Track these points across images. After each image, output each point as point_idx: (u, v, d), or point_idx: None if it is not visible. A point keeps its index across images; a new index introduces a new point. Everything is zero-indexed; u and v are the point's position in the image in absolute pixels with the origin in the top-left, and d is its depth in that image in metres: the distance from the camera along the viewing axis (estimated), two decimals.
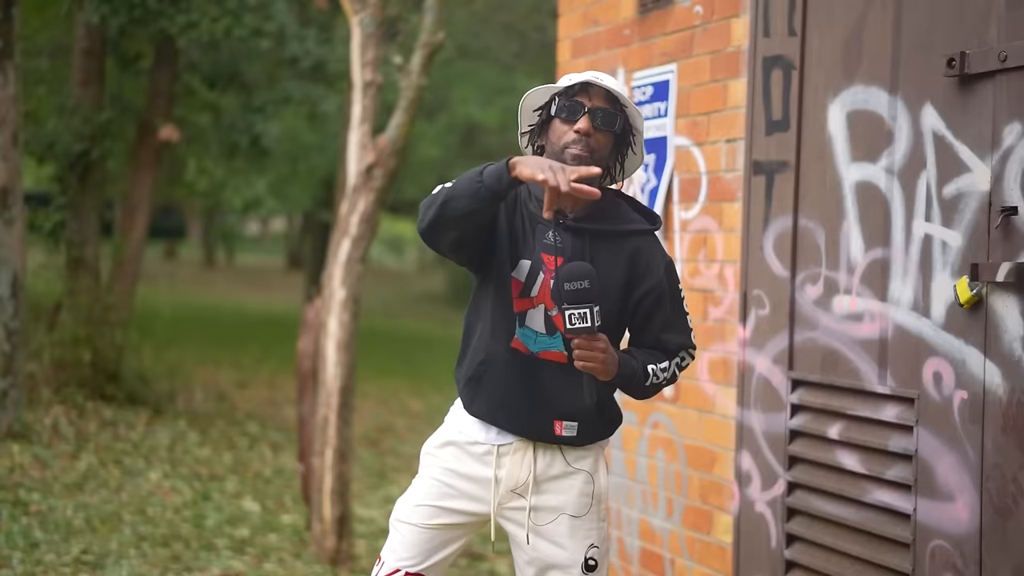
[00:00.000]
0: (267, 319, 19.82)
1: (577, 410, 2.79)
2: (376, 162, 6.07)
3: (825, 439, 3.60)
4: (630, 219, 2.86)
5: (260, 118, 10.03)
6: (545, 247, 2.78)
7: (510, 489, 2.83)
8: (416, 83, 6.15)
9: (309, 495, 6.25)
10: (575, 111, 2.73)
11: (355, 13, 6.18)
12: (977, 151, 3.10)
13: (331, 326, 6.10)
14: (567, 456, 2.84)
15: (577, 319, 2.61)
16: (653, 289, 2.83)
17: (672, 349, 2.88)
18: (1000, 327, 3.02)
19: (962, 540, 3.13)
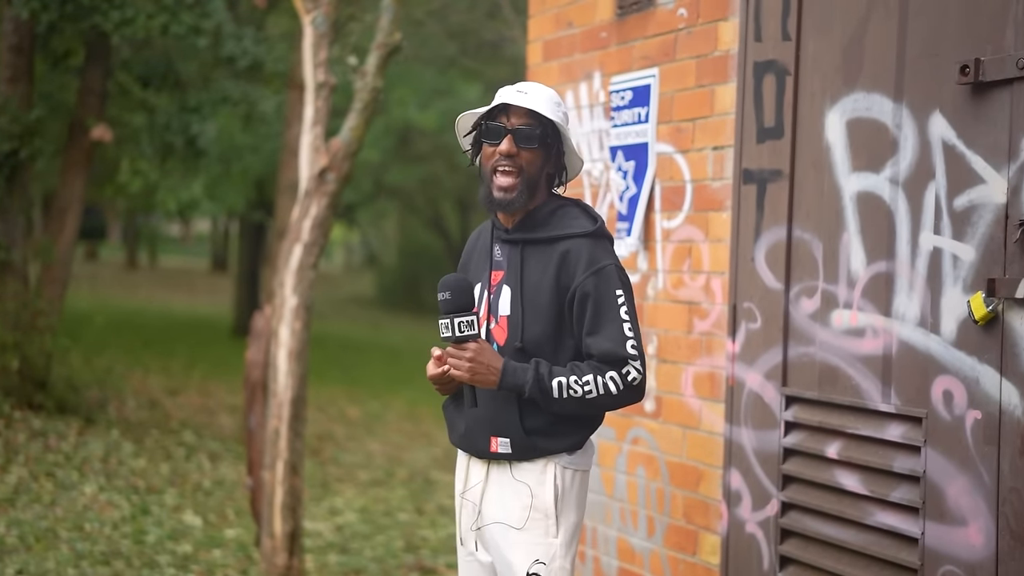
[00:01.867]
0: (194, 323, 19.42)
1: (506, 426, 2.87)
2: (329, 166, 5.87)
3: (823, 458, 3.47)
4: (563, 225, 2.91)
5: (197, 118, 9.73)
6: (495, 264, 2.96)
7: (469, 497, 3.00)
8: (372, 85, 5.96)
9: (258, 510, 6.03)
10: (497, 134, 2.84)
11: (307, 12, 5.98)
12: (992, 161, 2.99)
13: (282, 335, 5.87)
14: (512, 469, 2.91)
15: (444, 328, 2.78)
16: (576, 291, 2.85)
17: (598, 357, 2.83)
18: (1018, 345, 2.91)
19: (976, 567, 3.01)
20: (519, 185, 2.85)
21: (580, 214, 2.95)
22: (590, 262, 2.86)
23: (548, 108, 2.85)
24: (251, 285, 17.71)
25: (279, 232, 9.40)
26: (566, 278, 2.86)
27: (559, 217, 2.92)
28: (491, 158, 2.87)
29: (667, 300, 4.07)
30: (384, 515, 7.69)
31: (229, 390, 12.48)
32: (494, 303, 2.91)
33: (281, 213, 9.37)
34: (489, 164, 2.88)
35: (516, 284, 2.89)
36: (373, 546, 6.83)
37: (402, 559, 6.55)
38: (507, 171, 2.84)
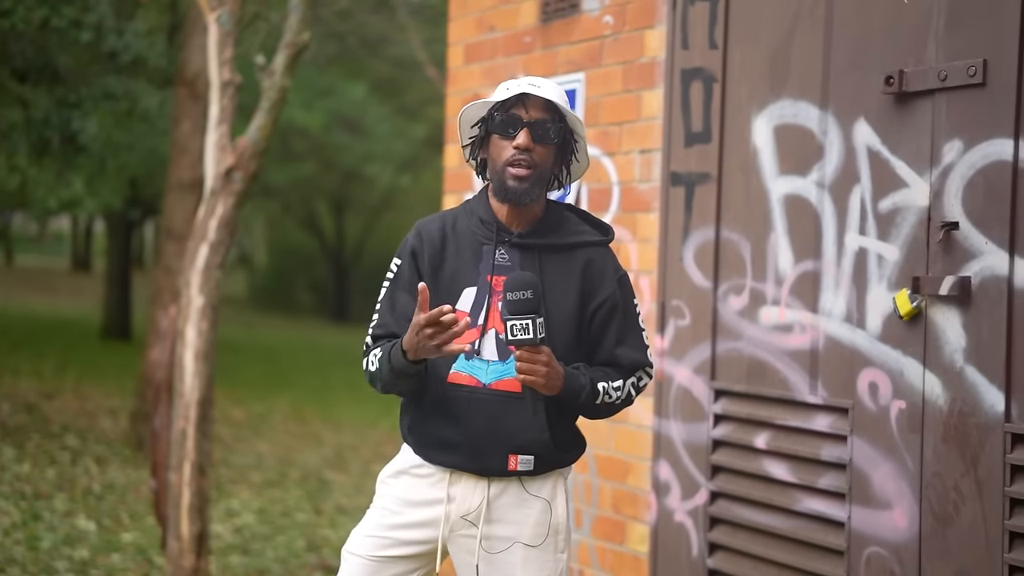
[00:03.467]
0: (60, 324, 18.91)
1: (532, 442, 2.69)
2: (236, 165, 5.84)
3: (751, 449, 3.64)
4: (579, 231, 2.80)
5: (78, 114, 9.51)
6: (497, 268, 2.72)
7: (461, 515, 2.75)
8: (279, 84, 5.95)
9: (163, 512, 5.97)
10: (513, 125, 2.67)
11: (212, 10, 5.94)
12: (915, 167, 3.19)
13: (189, 335, 5.83)
14: (524, 484, 2.75)
15: (519, 330, 2.53)
16: (606, 301, 2.76)
17: (626, 366, 2.79)
18: (941, 339, 3.11)
19: (900, 547, 3.21)
20: (533, 177, 2.67)
21: (580, 219, 2.85)
22: (614, 271, 2.79)
23: (564, 104, 2.72)
24: (122, 286, 17.34)
25: (167, 231, 9.26)
26: (590, 287, 2.75)
27: (569, 223, 2.81)
28: (503, 153, 2.68)
29: None
30: (282, 516, 7.67)
31: (106, 393, 12.23)
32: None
33: (170, 211, 9.22)
34: (502, 160, 2.68)
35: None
36: (274, 547, 6.81)
37: (305, 559, 6.56)
38: (521, 164, 2.67)
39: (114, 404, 11.59)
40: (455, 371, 2.70)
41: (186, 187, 9.13)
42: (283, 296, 26.74)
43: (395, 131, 16.49)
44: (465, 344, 2.61)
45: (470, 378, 2.70)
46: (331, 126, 14.94)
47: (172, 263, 9.16)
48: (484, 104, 2.74)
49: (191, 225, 9.27)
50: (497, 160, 2.70)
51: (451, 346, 2.55)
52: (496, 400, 2.68)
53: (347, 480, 9.16)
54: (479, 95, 4.76)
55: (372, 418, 12.79)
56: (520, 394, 2.67)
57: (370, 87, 13.75)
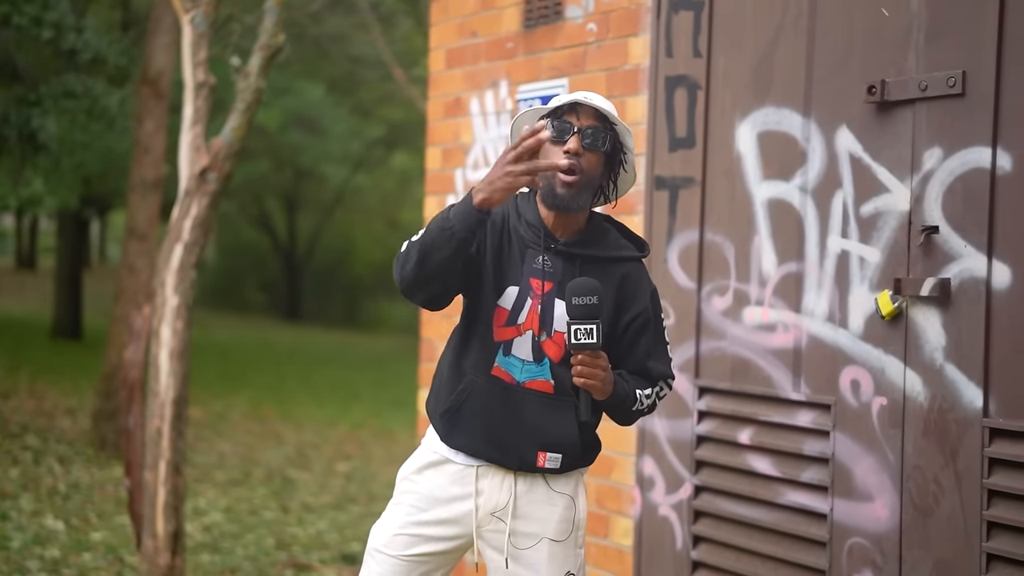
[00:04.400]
0: (7, 324, 18.70)
1: (561, 441, 2.79)
2: (211, 165, 5.89)
3: (735, 444, 3.77)
4: (619, 245, 2.88)
5: (38, 112, 9.47)
6: (534, 272, 2.78)
7: (489, 511, 2.82)
8: (255, 85, 5.99)
9: (137, 511, 5.99)
10: (564, 131, 2.73)
11: (186, 12, 5.98)
12: (896, 173, 3.33)
13: (164, 334, 5.87)
14: (549, 481, 2.84)
15: (583, 335, 2.60)
16: (640, 315, 2.85)
17: (654, 377, 2.89)
18: (921, 338, 3.26)
19: (881, 537, 3.35)
20: (580, 183, 2.72)
21: (620, 233, 2.92)
22: (648, 287, 2.88)
23: (615, 116, 2.79)
24: (72, 285, 17.20)
25: (130, 230, 9.24)
26: (625, 301, 2.83)
27: (611, 236, 2.87)
28: (553, 158, 2.71)
29: None
30: (250, 514, 7.70)
31: (62, 392, 12.17)
32: (546, 316, 2.76)
33: (132, 211, 9.20)
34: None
35: None
36: (244, 545, 6.85)
37: (275, 557, 6.60)
38: (569, 171, 2.70)
39: (71, 404, 11.53)
40: (496, 365, 2.78)
41: (149, 186, 9.12)
42: (233, 295, 26.64)
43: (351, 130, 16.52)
44: (543, 134, 2.55)
45: (507, 374, 2.78)
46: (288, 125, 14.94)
47: (136, 262, 9.15)
48: (536, 113, 2.81)
49: (154, 224, 9.29)
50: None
51: (543, 162, 2.57)
52: (529, 398, 2.77)
53: (311, 478, 9.20)
54: (460, 99, 4.85)
55: (331, 417, 12.83)
56: (551, 395, 2.77)
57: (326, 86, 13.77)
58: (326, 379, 16.15)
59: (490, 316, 2.78)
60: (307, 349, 20.63)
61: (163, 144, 9.25)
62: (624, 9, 4.17)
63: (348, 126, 16.15)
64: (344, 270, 27.66)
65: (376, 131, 17.25)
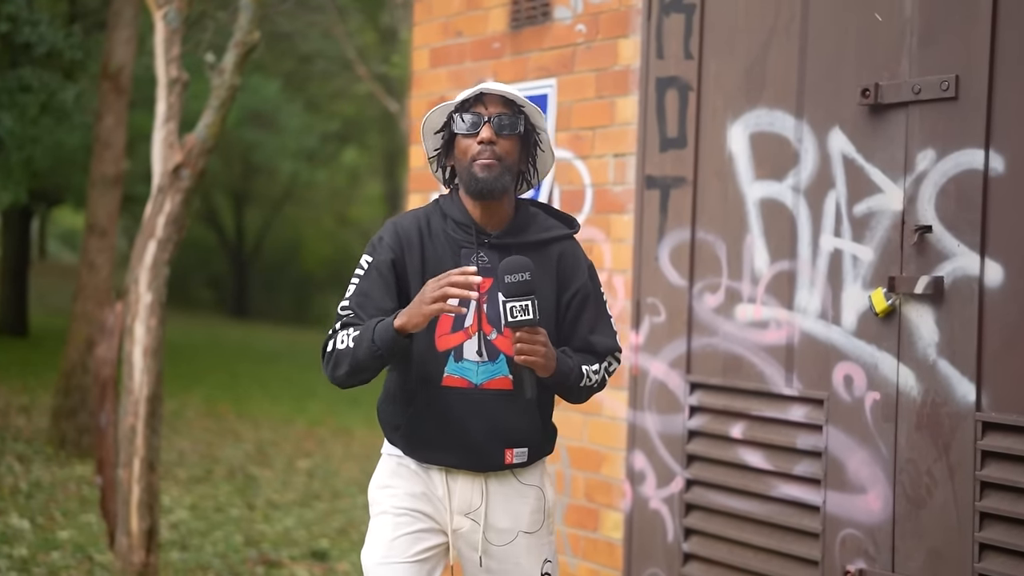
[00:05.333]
0: None
1: (527, 434, 2.83)
2: (184, 162, 5.88)
3: (727, 438, 3.85)
4: (549, 226, 2.91)
5: None
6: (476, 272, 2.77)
7: (463, 512, 2.85)
8: (229, 82, 6.00)
9: (108, 508, 5.97)
10: (475, 123, 2.76)
11: (159, 8, 5.96)
12: (889, 174, 3.42)
13: (137, 332, 5.86)
14: (518, 476, 2.88)
15: (519, 311, 2.62)
16: (579, 291, 2.89)
17: (600, 352, 2.92)
18: (915, 334, 3.35)
19: (874, 528, 3.44)
20: (500, 167, 2.76)
21: (546, 213, 2.96)
22: (584, 262, 2.93)
23: (522, 99, 2.81)
24: (18, 283, 16.97)
25: (90, 226, 9.16)
26: (564, 279, 2.87)
27: (538, 219, 2.91)
28: (469, 151, 2.77)
29: None
30: (216, 511, 7.68)
31: (12, 390, 12.03)
32: (492, 313, 2.78)
33: (92, 207, 9.13)
34: (468, 157, 2.77)
35: None
36: (213, 542, 6.83)
37: (245, 554, 6.60)
38: (486, 163, 2.75)
39: (23, 401, 11.41)
40: (448, 374, 2.78)
41: (109, 182, 9.05)
42: (179, 292, 26.36)
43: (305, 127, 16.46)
44: (472, 292, 2.63)
45: (462, 380, 2.78)
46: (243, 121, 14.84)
47: (96, 258, 9.08)
48: (444, 110, 2.84)
49: (114, 220, 9.21)
50: (464, 159, 2.79)
51: (452, 300, 2.63)
52: (489, 399, 2.78)
53: (274, 476, 9.19)
54: (445, 98, 4.88)
55: (287, 415, 12.79)
56: (510, 391, 2.78)
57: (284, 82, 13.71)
58: (278, 376, 16.09)
59: (430, 331, 2.78)
60: (257, 346, 20.51)
61: (123, 140, 9.18)
62: (614, 11, 4.23)
63: (302, 122, 16.09)
64: (293, 266, 27.51)
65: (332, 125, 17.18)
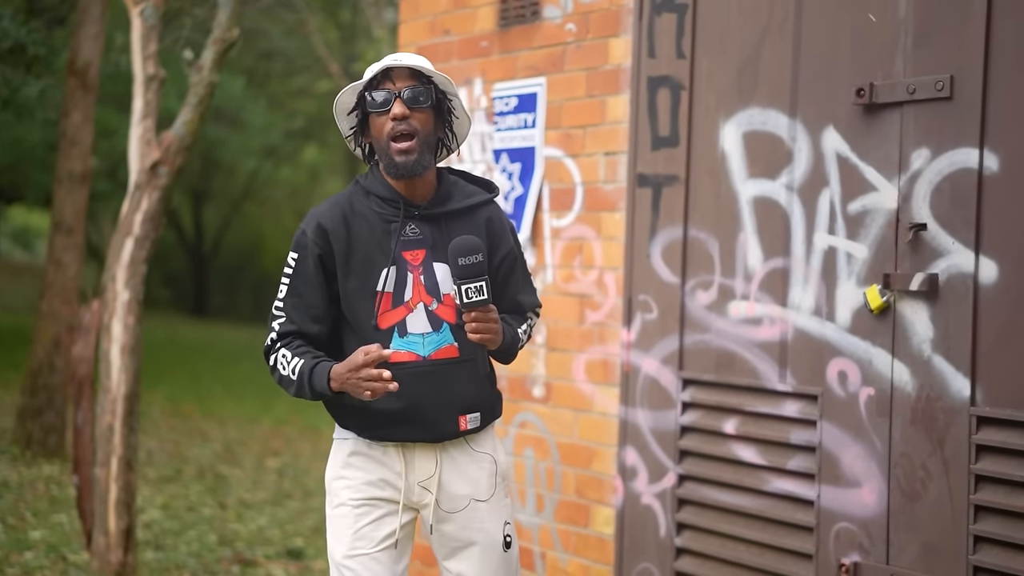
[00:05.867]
0: None
1: (479, 400, 2.91)
2: (162, 159, 5.86)
3: (720, 434, 3.89)
4: (471, 192, 2.97)
5: None
6: (405, 244, 2.85)
7: (418, 482, 2.90)
8: (207, 79, 5.98)
9: (85, 508, 5.93)
10: (386, 100, 2.80)
11: (135, 4, 5.93)
12: (884, 172, 3.47)
13: (115, 330, 5.83)
14: (470, 443, 2.95)
15: (474, 292, 2.70)
16: (508, 254, 2.99)
17: (525, 309, 3.05)
18: (909, 330, 3.41)
19: (869, 522, 3.50)
20: (417, 146, 2.80)
21: (465, 180, 3.02)
22: (507, 224, 3.01)
23: (429, 68, 2.84)
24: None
25: (56, 224, 9.06)
26: (494, 243, 2.94)
27: (459, 186, 2.96)
28: (383, 128, 2.81)
29: (557, 293, 4.39)
30: (188, 511, 7.64)
31: None
32: (430, 283, 2.85)
33: (59, 204, 9.03)
34: (384, 136, 2.81)
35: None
36: (187, 541, 6.80)
37: (220, 553, 6.57)
38: (403, 135, 2.79)
39: None
40: (394, 350, 2.82)
41: (76, 179, 8.96)
42: None
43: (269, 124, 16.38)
44: (390, 385, 2.71)
45: (409, 354, 2.84)
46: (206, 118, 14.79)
47: (62, 256, 8.99)
48: (353, 89, 2.87)
49: (81, 218, 9.12)
50: (380, 138, 2.83)
51: (377, 393, 2.71)
52: (439, 369, 2.84)
53: (244, 475, 9.15)
54: None
55: (252, 414, 12.73)
56: (457, 359, 2.86)
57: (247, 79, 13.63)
58: (240, 375, 16.00)
59: (369, 310, 2.84)
60: (217, 345, 20.37)
61: (91, 137, 9.10)
62: (604, 10, 4.26)
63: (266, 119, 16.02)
64: (253, 265, 27.32)
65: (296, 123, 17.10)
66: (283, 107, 17.30)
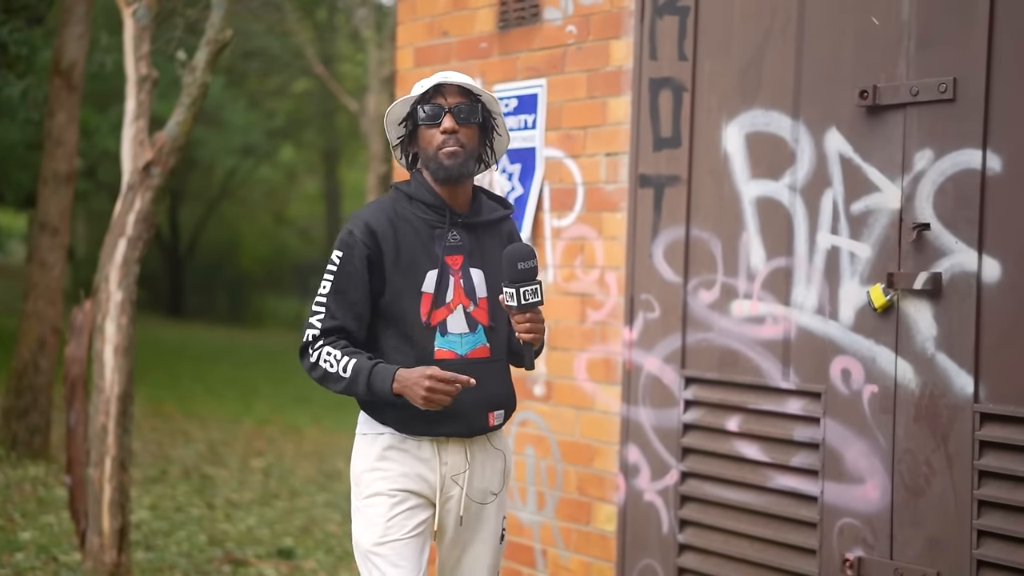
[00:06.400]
0: None
1: (503, 398, 3.06)
2: (155, 160, 5.86)
3: (722, 431, 3.93)
4: (494, 207, 3.13)
5: None
6: (449, 249, 2.99)
7: (450, 475, 3.01)
8: (200, 80, 5.99)
9: (77, 508, 5.92)
10: (437, 114, 2.95)
11: (128, 5, 5.93)
12: (887, 173, 3.53)
13: (108, 330, 5.83)
14: (491, 440, 3.09)
15: (530, 295, 2.86)
16: None
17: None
18: (913, 328, 3.46)
19: (873, 517, 3.55)
20: (464, 154, 2.95)
21: (488, 196, 3.17)
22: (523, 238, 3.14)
23: (478, 87, 3.01)
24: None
25: (41, 224, 9.02)
26: None
27: (485, 201, 3.12)
28: (433, 140, 2.95)
29: (558, 293, 4.43)
30: (176, 511, 7.63)
31: None
32: (468, 286, 2.99)
33: (44, 205, 8.98)
34: (432, 146, 2.96)
35: (484, 266, 3.03)
36: (177, 542, 6.80)
37: (210, 553, 6.57)
38: (452, 151, 2.94)
39: None
40: (438, 348, 2.96)
41: (61, 180, 8.92)
42: None
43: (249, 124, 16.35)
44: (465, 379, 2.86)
45: (450, 352, 2.97)
46: None
47: (47, 257, 8.95)
48: (405, 102, 3.01)
49: (66, 218, 9.09)
50: (428, 148, 2.97)
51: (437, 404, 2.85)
52: (474, 367, 2.96)
53: (229, 475, 9.14)
54: None
55: (234, 414, 12.71)
56: (489, 358, 3.01)
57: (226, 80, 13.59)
58: (220, 376, 15.97)
59: (416, 309, 2.96)
60: (195, 345, 20.29)
61: (76, 137, 9.06)
62: (605, 13, 4.30)
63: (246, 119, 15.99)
64: (230, 265, 27.22)
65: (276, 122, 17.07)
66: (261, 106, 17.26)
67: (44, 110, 9.43)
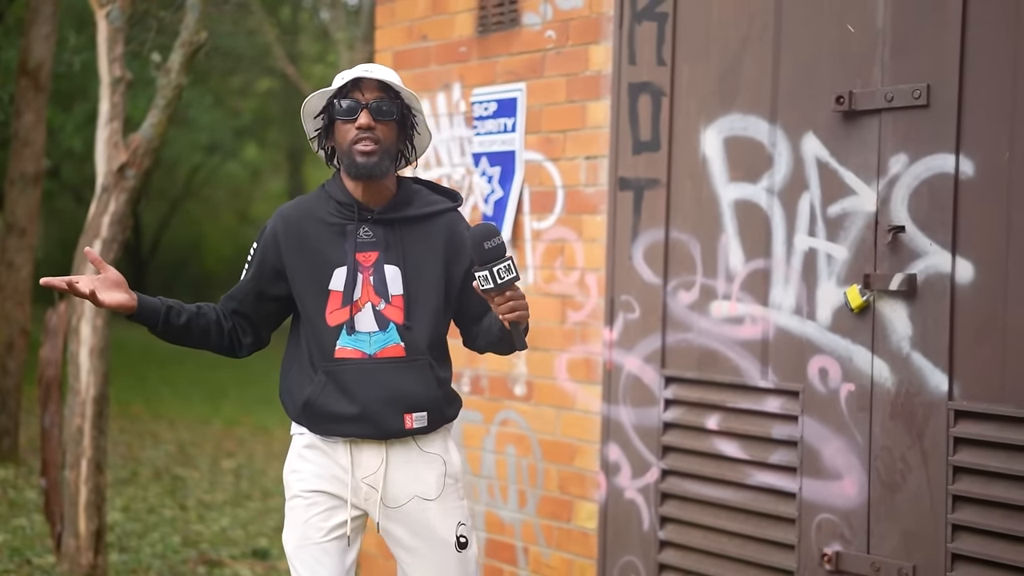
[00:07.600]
0: None
1: (424, 400, 2.97)
2: (129, 161, 5.88)
3: (702, 430, 4.01)
4: (432, 201, 3.07)
5: None
6: (359, 246, 2.97)
7: (363, 478, 2.99)
8: (175, 82, 6.00)
9: (54, 511, 5.92)
10: (353, 109, 2.92)
11: (101, 6, 5.94)
12: (863, 177, 3.61)
13: (84, 332, 5.84)
14: (419, 443, 3.01)
15: (505, 272, 2.78)
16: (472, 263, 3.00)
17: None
18: (889, 328, 3.56)
19: (850, 512, 3.64)
20: (379, 151, 2.91)
21: (430, 190, 3.12)
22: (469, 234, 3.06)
23: (398, 83, 2.96)
24: None
25: (9, 225, 8.99)
26: (456, 253, 3.03)
27: (421, 195, 3.07)
28: (348, 135, 2.92)
29: (538, 294, 4.49)
30: (148, 513, 7.63)
31: None
32: (379, 284, 2.95)
33: (11, 205, 8.95)
34: (347, 142, 2.92)
35: (403, 262, 2.98)
36: (150, 543, 6.81)
37: (185, 554, 6.58)
38: (365, 150, 2.91)
39: None
40: (340, 347, 2.95)
41: (29, 180, 8.91)
42: None
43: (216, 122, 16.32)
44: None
45: (355, 351, 2.95)
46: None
47: (15, 258, 8.92)
48: (323, 95, 2.98)
49: (34, 219, 9.06)
50: (343, 143, 2.94)
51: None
52: (384, 367, 2.94)
53: (200, 476, 9.14)
54: None
55: (202, 415, 12.69)
56: (404, 358, 2.95)
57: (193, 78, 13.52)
58: (186, 377, 15.92)
59: (320, 309, 2.96)
60: (159, 346, 20.14)
61: (43, 137, 9.04)
62: (584, 18, 4.36)
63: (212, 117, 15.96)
64: (193, 264, 27.08)
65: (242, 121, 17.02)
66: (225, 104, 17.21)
67: (10, 110, 9.39)
